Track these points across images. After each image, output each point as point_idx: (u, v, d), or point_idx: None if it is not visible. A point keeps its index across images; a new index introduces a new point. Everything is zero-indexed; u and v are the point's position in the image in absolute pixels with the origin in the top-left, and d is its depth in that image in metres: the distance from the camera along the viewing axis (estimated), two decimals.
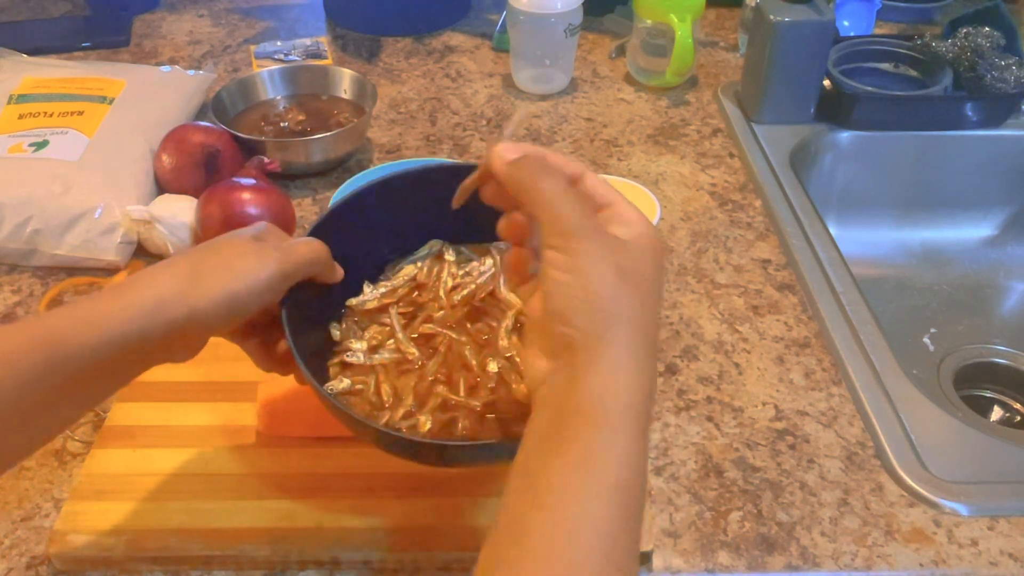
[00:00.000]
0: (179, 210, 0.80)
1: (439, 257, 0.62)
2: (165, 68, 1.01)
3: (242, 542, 0.57)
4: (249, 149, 0.87)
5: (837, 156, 1.02)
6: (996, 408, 0.96)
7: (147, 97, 0.93)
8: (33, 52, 1.06)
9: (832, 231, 0.86)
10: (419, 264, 0.61)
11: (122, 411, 0.65)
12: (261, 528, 0.57)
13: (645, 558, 0.57)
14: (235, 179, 0.80)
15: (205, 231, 0.78)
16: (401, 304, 0.60)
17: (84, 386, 0.48)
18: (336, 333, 0.58)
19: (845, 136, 1.01)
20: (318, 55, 1.15)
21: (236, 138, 0.88)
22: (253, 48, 1.17)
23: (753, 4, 1.02)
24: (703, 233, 0.87)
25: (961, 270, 1.05)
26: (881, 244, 1.07)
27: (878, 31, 1.20)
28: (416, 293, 0.60)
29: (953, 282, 1.04)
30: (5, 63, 0.99)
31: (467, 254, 0.62)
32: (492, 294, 0.59)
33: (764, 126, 1.00)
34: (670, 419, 0.68)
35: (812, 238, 0.84)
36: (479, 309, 0.59)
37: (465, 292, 0.59)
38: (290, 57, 1.14)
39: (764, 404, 0.69)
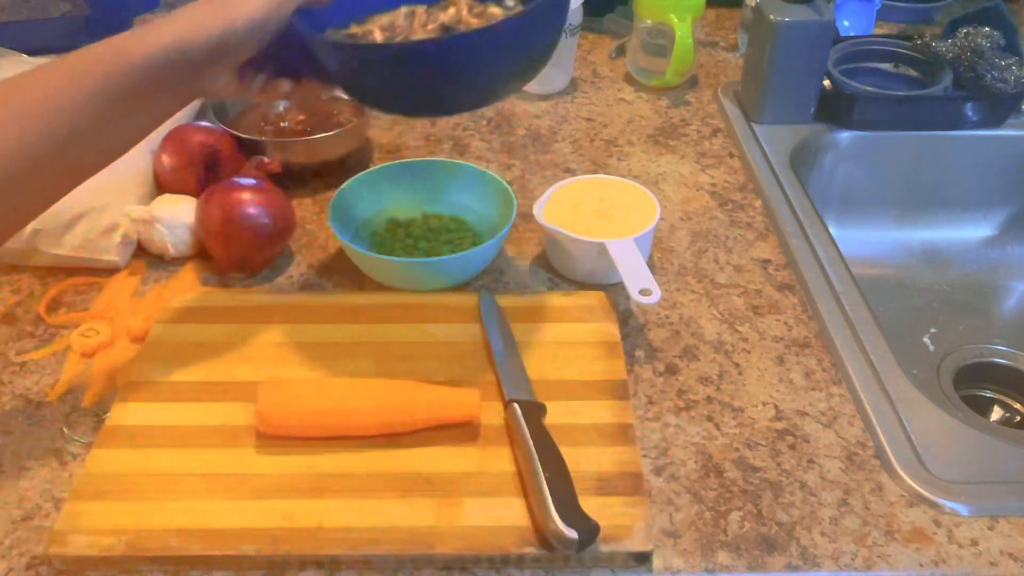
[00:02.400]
0: (179, 210, 0.81)
1: (411, 13, 0.66)
2: None
3: (242, 542, 0.57)
4: (249, 149, 0.87)
5: (837, 156, 1.02)
6: (996, 408, 0.96)
7: None
8: (33, 52, 1.06)
9: (832, 231, 0.86)
10: (391, 13, 0.66)
11: (122, 411, 0.65)
12: (261, 528, 0.57)
13: (645, 558, 0.57)
14: (235, 179, 0.80)
15: (205, 231, 0.78)
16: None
17: (144, 98, 0.58)
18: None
19: (845, 136, 1.01)
20: None
21: (236, 138, 0.88)
22: None
23: (753, 4, 1.02)
24: (703, 233, 0.87)
25: (961, 270, 1.05)
26: (881, 244, 1.07)
27: (878, 31, 1.20)
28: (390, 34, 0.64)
29: (953, 282, 1.04)
30: (5, 63, 0.99)
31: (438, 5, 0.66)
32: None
33: (764, 126, 1.00)
34: (670, 419, 0.68)
35: (812, 238, 0.84)
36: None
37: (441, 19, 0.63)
38: None
39: (764, 404, 0.69)
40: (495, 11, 0.65)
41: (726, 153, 0.99)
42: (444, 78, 0.55)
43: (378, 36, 0.64)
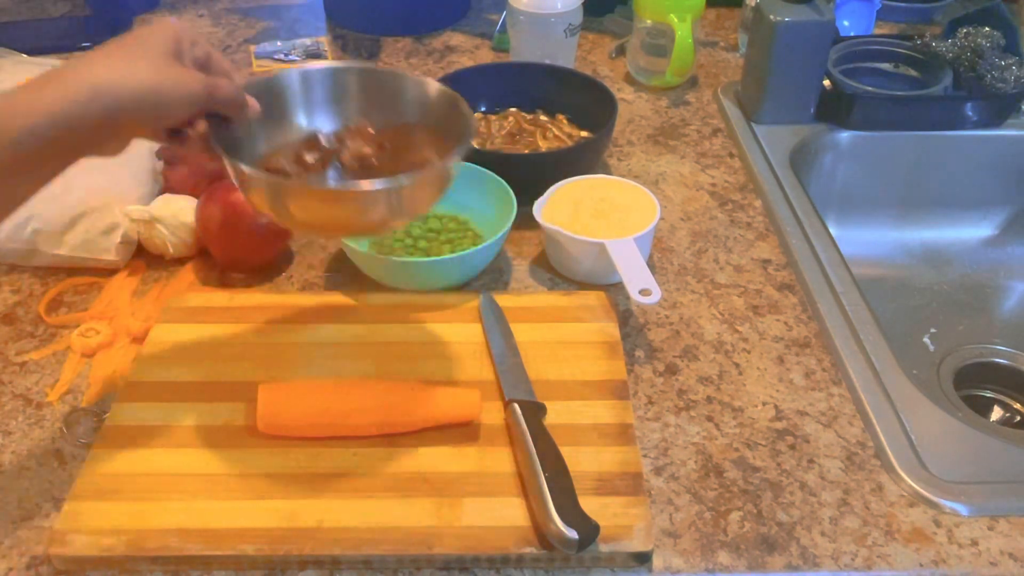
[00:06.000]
0: (179, 210, 0.80)
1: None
2: None
3: (242, 542, 0.57)
4: None
5: (837, 156, 1.02)
6: (996, 408, 0.96)
7: None
8: (33, 52, 1.06)
9: (832, 231, 0.86)
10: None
11: (122, 411, 0.65)
12: (261, 528, 0.57)
13: (645, 558, 0.57)
14: None
15: (205, 231, 0.78)
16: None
17: (12, 176, 0.50)
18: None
19: (845, 136, 1.01)
20: (318, 55, 1.15)
21: None
22: (253, 48, 1.17)
23: (753, 4, 1.02)
24: (703, 233, 0.87)
25: (961, 270, 1.05)
26: (881, 244, 1.07)
27: (878, 31, 1.20)
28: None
29: (953, 282, 1.04)
30: (5, 63, 0.99)
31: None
32: None
33: (764, 126, 1.00)
34: (670, 419, 0.68)
35: (812, 238, 0.84)
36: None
37: None
38: (290, 57, 1.14)
39: (764, 404, 0.69)
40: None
41: (726, 153, 0.99)
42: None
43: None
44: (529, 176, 0.84)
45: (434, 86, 0.66)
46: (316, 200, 0.59)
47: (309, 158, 0.62)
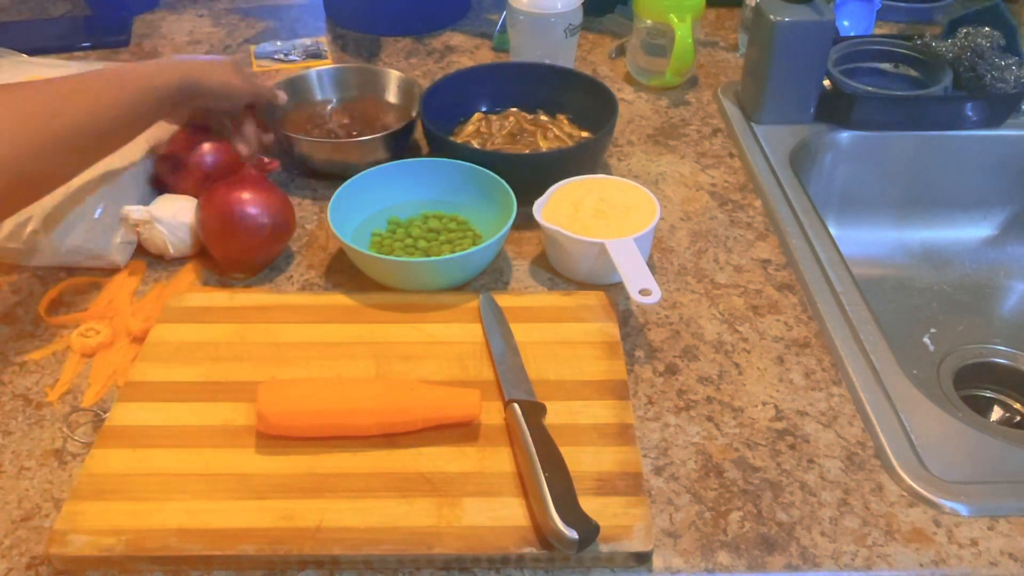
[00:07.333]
0: (179, 210, 0.81)
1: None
2: None
3: (242, 542, 0.57)
4: (301, 147, 0.90)
5: (837, 156, 1.02)
6: (996, 408, 0.96)
7: None
8: (33, 52, 1.06)
9: (832, 231, 0.86)
10: None
11: (122, 411, 0.65)
12: (261, 528, 0.57)
13: (645, 558, 0.57)
14: (235, 179, 0.79)
15: (205, 231, 0.78)
16: None
17: (143, 120, 0.77)
18: None
19: (845, 136, 1.01)
20: (318, 55, 1.15)
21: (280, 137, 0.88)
22: (253, 48, 1.17)
23: (753, 4, 1.02)
24: (703, 233, 0.87)
25: (961, 270, 1.05)
26: (881, 244, 1.07)
27: (878, 31, 1.20)
28: None
29: (953, 282, 1.04)
30: (5, 63, 0.99)
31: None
32: None
33: (764, 126, 1.00)
34: (670, 419, 0.68)
35: (812, 238, 0.84)
36: None
37: None
38: (290, 57, 1.14)
39: (764, 404, 0.69)
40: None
41: (726, 153, 0.99)
42: None
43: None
44: (529, 176, 0.84)
45: (394, 74, 0.99)
46: (318, 148, 0.92)
47: (313, 129, 0.95)
